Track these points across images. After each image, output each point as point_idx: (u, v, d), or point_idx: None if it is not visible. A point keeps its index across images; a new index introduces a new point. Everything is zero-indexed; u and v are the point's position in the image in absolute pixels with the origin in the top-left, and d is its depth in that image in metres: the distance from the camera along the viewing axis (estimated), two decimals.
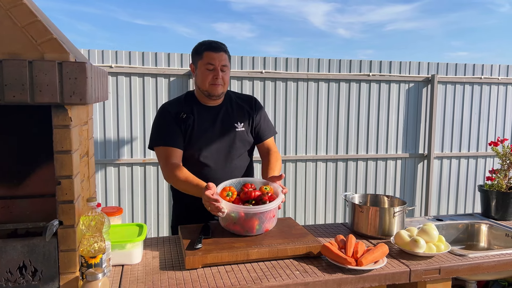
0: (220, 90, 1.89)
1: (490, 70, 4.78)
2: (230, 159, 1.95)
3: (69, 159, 1.23)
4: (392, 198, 2.02)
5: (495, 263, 1.63)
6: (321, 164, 4.48)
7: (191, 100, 1.97)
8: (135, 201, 4.09)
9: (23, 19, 1.17)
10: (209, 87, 1.87)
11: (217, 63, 1.84)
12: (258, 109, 2.05)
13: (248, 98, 2.09)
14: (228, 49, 1.92)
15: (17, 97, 1.12)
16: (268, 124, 2.09)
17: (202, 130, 1.91)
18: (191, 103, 1.96)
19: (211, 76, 1.85)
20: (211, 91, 1.88)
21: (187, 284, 1.36)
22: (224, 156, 1.94)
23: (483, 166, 4.94)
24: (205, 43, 1.88)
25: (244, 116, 2.00)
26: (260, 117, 2.05)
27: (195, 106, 1.95)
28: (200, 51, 1.87)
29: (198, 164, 1.91)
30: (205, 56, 1.85)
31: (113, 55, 3.90)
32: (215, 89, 1.87)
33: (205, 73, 1.86)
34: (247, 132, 2.00)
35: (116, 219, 1.80)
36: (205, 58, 1.85)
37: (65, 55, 1.17)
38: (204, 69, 1.85)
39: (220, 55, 1.85)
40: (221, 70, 1.86)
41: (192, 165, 1.90)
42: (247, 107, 2.03)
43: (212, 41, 1.89)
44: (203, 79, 1.87)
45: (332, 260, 1.52)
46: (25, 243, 1.23)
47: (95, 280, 1.23)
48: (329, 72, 4.39)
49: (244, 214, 1.62)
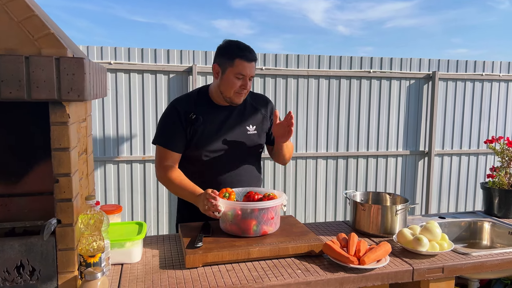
0: (243, 98, 1.84)
1: (491, 67, 4.76)
2: (239, 162, 1.91)
3: (67, 157, 1.21)
4: (394, 196, 2.00)
5: (499, 261, 1.62)
6: (322, 161, 4.46)
7: (203, 99, 1.90)
8: (135, 198, 4.07)
9: (19, 13, 1.14)
10: (234, 95, 1.80)
11: (248, 73, 1.77)
12: (273, 110, 1.98)
13: (263, 98, 2.02)
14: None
15: (13, 93, 1.10)
16: None
17: (211, 131, 1.85)
18: (203, 101, 1.88)
19: (238, 86, 1.78)
20: (234, 99, 1.82)
21: (188, 283, 1.35)
22: (233, 159, 1.89)
23: (484, 163, 4.92)
24: (239, 48, 1.78)
25: (257, 118, 1.94)
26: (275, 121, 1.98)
27: (207, 105, 1.88)
28: (232, 57, 1.76)
29: (206, 165, 1.87)
30: (237, 64, 1.75)
31: (112, 51, 3.87)
32: (239, 98, 1.82)
33: (233, 82, 1.77)
34: (259, 135, 1.94)
35: (116, 217, 1.78)
36: (236, 66, 1.75)
37: (63, 50, 1.15)
38: (233, 77, 1.77)
39: (252, 65, 1.78)
40: (249, 79, 1.80)
41: (199, 166, 1.87)
42: (262, 108, 1.97)
43: (246, 48, 1.79)
44: (229, 87, 1.79)
45: (334, 258, 1.50)
46: (23, 242, 1.21)
47: (94, 279, 1.21)
48: (329, 69, 4.36)
49: (241, 212, 1.60)
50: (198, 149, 1.85)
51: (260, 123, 1.95)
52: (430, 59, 4.61)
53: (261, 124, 1.95)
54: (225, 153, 1.87)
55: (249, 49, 1.79)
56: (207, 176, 1.87)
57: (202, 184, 1.83)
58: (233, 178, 1.88)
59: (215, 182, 1.85)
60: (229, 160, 1.88)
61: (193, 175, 1.89)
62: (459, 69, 4.69)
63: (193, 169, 1.91)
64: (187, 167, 1.92)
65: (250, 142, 1.91)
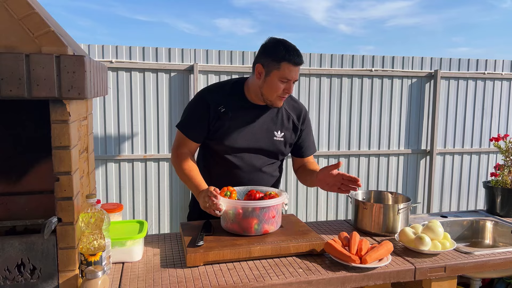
0: (283, 102, 1.80)
1: (494, 66, 4.74)
2: (260, 165, 1.88)
3: (68, 155, 1.20)
4: (396, 195, 1.99)
5: (501, 260, 1.61)
6: (323, 160, 4.45)
7: (237, 93, 1.83)
8: (136, 197, 4.07)
9: (19, 11, 1.14)
10: (276, 98, 1.75)
11: (293, 77, 1.71)
12: (305, 121, 1.94)
13: (298, 109, 1.94)
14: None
15: (13, 91, 1.10)
16: (311, 141, 2.00)
17: (238, 128, 1.80)
18: (236, 96, 1.83)
19: (281, 90, 1.72)
20: (276, 103, 1.77)
21: (188, 282, 1.34)
22: (255, 161, 1.86)
23: (486, 162, 4.91)
24: (287, 51, 1.69)
25: (288, 126, 1.89)
26: (306, 133, 1.95)
27: (239, 101, 1.82)
28: (279, 59, 1.69)
29: (226, 162, 1.84)
30: (283, 67, 1.69)
31: (114, 50, 3.86)
32: (280, 101, 1.77)
33: (278, 85, 1.71)
34: (286, 142, 1.90)
35: (116, 215, 1.77)
36: (283, 70, 1.69)
37: (63, 48, 1.14)
38: (278, 81, 1.71)
39: (298, 69, 1.71)
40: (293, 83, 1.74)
41: (219, 161, 1.85)
42: (295, 117, 1.91)
43: (294, 51, 1.71)
44: (272, 90, 1.73)
45: (336, 257, 1.50)
46: (24, 241, 1.21)
47: (94, 278, 1.21)
48: (331, 68, 4.35)
49: (242, 211, 1.59)
50: (221, 144, 1.82)
51: (290, 132, 1.90)
52: (432, 57, 4.60)
53: (290, 134, 1.90)
54: (247, 154, 1.84)
55: (297, 52, 1.72)
56: (226, 172, 1.85)
57: (221, 180, 1.82)
58: (251, 179, 1.86)
59: (232, 180, 1.82)
60: (250, 160, 1.86)
61: (211, 168, 1.89)
62: (461, 67, 4.68)
63: (213, 162, 1.89)
64: (208, 159, 1.90)
65: (274, 148, 1.87)
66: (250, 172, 1.87)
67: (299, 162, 2.04)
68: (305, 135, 1.96)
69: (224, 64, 4.09)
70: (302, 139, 1.96)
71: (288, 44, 1.73)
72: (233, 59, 4.11)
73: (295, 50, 1.72)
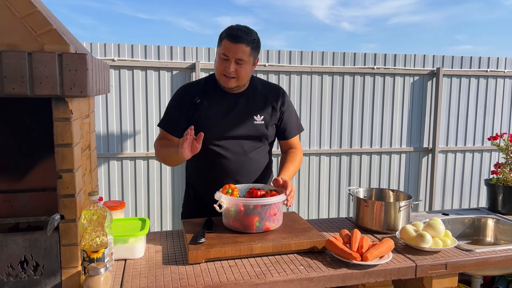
0: (232, 83, 1.77)
1: (496, 63, 4.73)
2: (244, 151, 1.87)
3: (70, 153, 1.21)
4: (397, 193, 1.99)
5: (503, 258, 1.61)
6: (325, 158, 4.45)
7: (211, 84, 1.87)
8: (138, 195, 4.08)
9: (22, 9, 1.14)
10: (221, 77, 1.77)
11: (232, 54, 1.70)
12: (285, 102, 1.93)
13: (275, 89, 1.95)
14: (254, 39, 1.74)
15: (16, 89, 1.10)
16: (295, 120, 1.98)
17: (216, 117, 1.82)
18: (211, 87, 1.86)
19: (222, 67, 1.74)
20: (222, 82, 1.79)
21: (190, 279, 1.35)
22: (238, 147, 1.86)
23: (488, 160, 4.90)
24: (228, 29, 1.74)
25: (266, 108, 1.88)
26: (287, 113, 1.93)
27: (214, 91, 1.85)
28: (222, 36, 1.75)
29: (211, 152, 1.85)
30: (223, 44, 1.72)
31: (116, 48, 3.87)
32: (226, 81, 1.76)
33: (219, 62, 1.75)
34: (267, 125, 1.89)
35: (119, 213, 1.79)
36: (222, 46, 1.72)
37: (65, 46, 1.15)
38: (219, 58, 1.74)
39: (237, 47, 1.70)
40: (236, 63, 1.72)
41: (205, 153, 1.83)
42: (272, 99, 1.90)
43: (235, 28, 1.73)
44: (216, 68, 1.78)
45: (337, 255, 1.50)
46: (27, 237, 1.21)
47: (97, 274, 1.22)
48: (333, 65, 4.35)
49: (243, 208, 1.60)
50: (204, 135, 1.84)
51: (269, 115, 1.90)
52: (434, 55, 4.59)
53: (270, 116, 1.90)
54: (230, 141, 1.85)
55: (239, 30, 1.72)
56: (213, 164, 1.86)
57: (208, 172, 1.85)
58: (238, 167, 1.86)
59: (221, 169, 1.84)
60: (233, 148, 1.85)
61: (200, 162, 1.89)
62: (464, 65, 4.67)
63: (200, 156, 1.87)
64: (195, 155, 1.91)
65: (256, 132, 1.87)
66: (236, 159, 1.86)
67: (285, 145, 2.01)
68: (287, 117, 1.94)
69: None
70: (284, 121, 1.94)
71: (233, 26, 1.76)
72: None
73: (237, 28, 1.73)
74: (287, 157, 1.95)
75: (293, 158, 1.93)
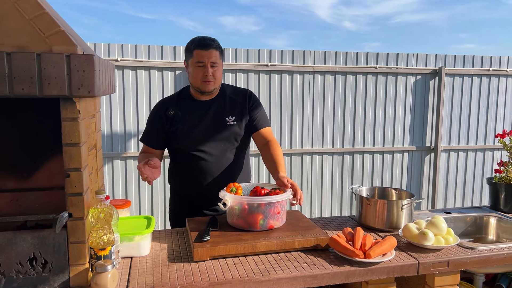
0: (211, 86, 1.90)
1: (499, 62, 4.73)
2: (222, 152, 1.98)
3: (78, 152, 1.23)
4: (400, 191, 2.01)
5: (504, 256, 1.62)
6: (327, 157, 4.47)
7: (185, 96, 2.01)
8: (142, 193, 4.10)
9: (30, 11, 1.16)
10: (201, 84, 1.89)
11: (207, 60, 1.85)
12: (253, 101, 2.03)
13: (243, 92, 2.07)
14: (219, 45, 1.91)
15: (25, 89, 1.13)
16: (263, 115, 2.07)
17: (191, 125, 1.94)
18: (185, 99, 2.00)
19: (201, 74, 1.87)
20: (203, 88, 1.90)
21: (196, 276, 1.37)
22: (216, 150, 1.97)
23: (491, 159, 4.90)
24: (194, 41, 1.89)
25: (236, 109, 2.00)
26: (255, 110, 2.03)
27: (187, 101, 1.99)
28: (191, 49, 1.89)
29: (191, 158, 1.97)
30: (195, 54, 1.86)
31: (119, 48, 3.89)
32: (206, 85, 1.89)
33: (196, 71, 1.88)
34: (239, 125, 1.99)
35: (125, 211, 1.81)
36: (195, 56, 1.86)
37: (73, 47, 1.17)
38: (195, 67, 1.88)
39: (209, 53, 1.86)
40: (212, 66, 1.87)
41: (186, 159, 1.98)
42: (241, 100, 2.02)
43: (202, 38, 1.89)
44: (194, 77, 1.90)
45: (340, 252, 1.52)
46: (35, 235, 1.24)
47: (104, 271, 1.24)
48: (335, 65, 4.36)
49: (248, 207, 1.62)
50: (181, 143, 1.96)
51: (240, 115, 2.00)
52: (437, 54, 4.59)
53: (240, 114, 2.00)
54: (207, 145, 1.95)
55: (206, 39, 1.88)
56: (193, 168, 1.97)
57: (190, 176, 1.99)
58: (218, 168, 1.96)
59: (201, 173, 1.96)
60: (212, 151, 1.96)
61: (181, 168, 2.04)
62: (466, 64, 4.67)
63: (181, 162, 2.03)
64: (176, 161, 2.06)
65: (230, 133, 1.97)
66: (216, 161, 1.97)
67: (259, 139, 2.04)
68: (254, 111, 2.03)
69: (229, 62, 4.11)
70: (252, 115, 2.02)
71: (198, 37, 1.91)
72: (238, 56, 4.13)
73: (205, 38, 1.90)
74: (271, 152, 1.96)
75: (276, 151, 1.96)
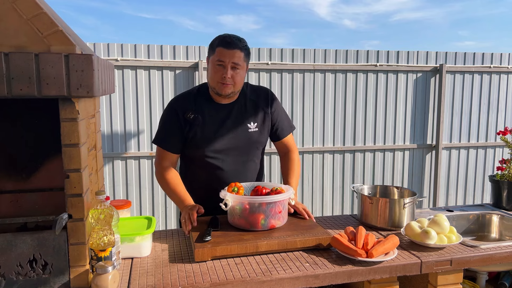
0: (229, 90, 1.77)
1: (500, 59, 4.71)
2: (242, 162, 1.89)
3: (77, 152, 1.22)
4: (402, 189, 2.00)
5: (507, 254, 1.61)
6: (328, 155, 4.46)
7: (203, 96, 1.86)
8: (143, 194, 4.10)
9: (28, 11, 1.15)
10: (217, 85, 1.76)
11: (228, 60, 1.72)
12: (273, 104, 1.93)
13: (263, 92, 1.95)
14: (246, 46, 1.78)
15: (24, 90, 1.12)
16: (285, 120, 1.99)
17: (211, 130, 1.82)
18: (203, 99, 1.85)
19: (219, 74, 1.74)
20: (219, 89, 1.77)
21: (197, 277, 1.36)
22: (236, 158, 1.87)
23: (492, 156, 4.89)
24: (220, 37, 1.76)
25: (258, 114, 1.89)
26: (277, 114, 1.94)
27: (205, 103, 1.85)
28: (214, 45, 1.76)
29: (208, 165, 1.85)
30: (217, 51, 1.74)
31: (119, 48, 3.88)
32: (223, 88, 1.76)
33: (214, 70, 1.75)
34: (261, 131, 1.90)
35: (125, 212, 1.80)
36: (216, 53, 1.74)
37: (72, 47, 1.16)
38: (214, 65, 1.75)
39: (233, 53, 1.72)
40: (232, 68, 1.73)
41: (202, 166, 1.86)
42: (262, 103, 1.91)
43: (228, 36, 1.76)
44: (211, 76, 1.77)
45: (342, 252, 1.51)
46: (35, 237, 1.23)
47: (105, 273, 1.23)
48: (335, 63, 4.34)
49: (249, 206, 1.61)
50: (199, 149, 1.83)
51: (262, 120, 1.90)
52: (437, 52, 4.58)
53: (263, 121, 1.91)
54: (227, 152, 1.85)
55: (232, 37, 1.75)
56: (210, 176, 1.87)
57: (205, 184, 1.87)
58: (236, 177, 1.86)
59: (218, 181, 1.84)
60: (231, 159, 1.86)
61: (196, 174, 1.91)
62: (467, 61, 4.65)
63: (196, 168, 1.91)
64: (191, 166, 1.93)
65: (251, 140, 1.88)
66: (233, 170, 1.87)
67: (281, 147, 2.02)
68: (277, 116, 1.95)
69: None
70: (275, 122, 1.95)
71: (224, 35, 1.78)
72: None
73: (231, 36, 1.76)
74: (288, 165, 1.98)
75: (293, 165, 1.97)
